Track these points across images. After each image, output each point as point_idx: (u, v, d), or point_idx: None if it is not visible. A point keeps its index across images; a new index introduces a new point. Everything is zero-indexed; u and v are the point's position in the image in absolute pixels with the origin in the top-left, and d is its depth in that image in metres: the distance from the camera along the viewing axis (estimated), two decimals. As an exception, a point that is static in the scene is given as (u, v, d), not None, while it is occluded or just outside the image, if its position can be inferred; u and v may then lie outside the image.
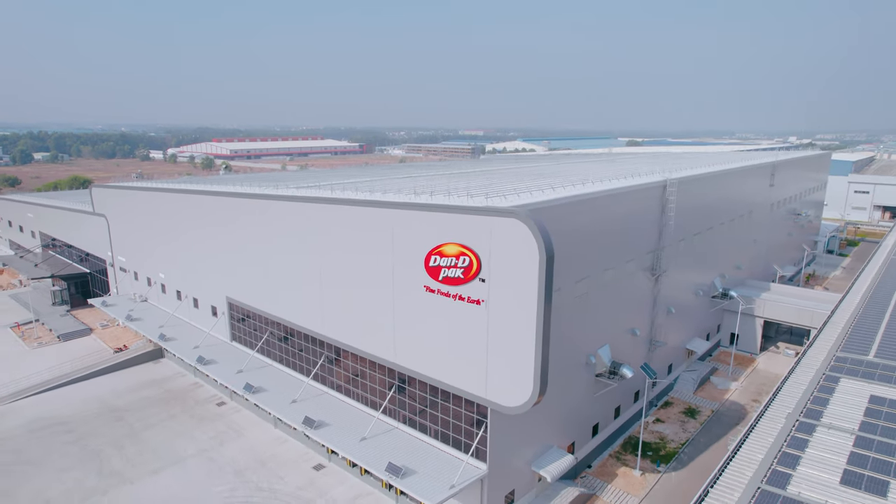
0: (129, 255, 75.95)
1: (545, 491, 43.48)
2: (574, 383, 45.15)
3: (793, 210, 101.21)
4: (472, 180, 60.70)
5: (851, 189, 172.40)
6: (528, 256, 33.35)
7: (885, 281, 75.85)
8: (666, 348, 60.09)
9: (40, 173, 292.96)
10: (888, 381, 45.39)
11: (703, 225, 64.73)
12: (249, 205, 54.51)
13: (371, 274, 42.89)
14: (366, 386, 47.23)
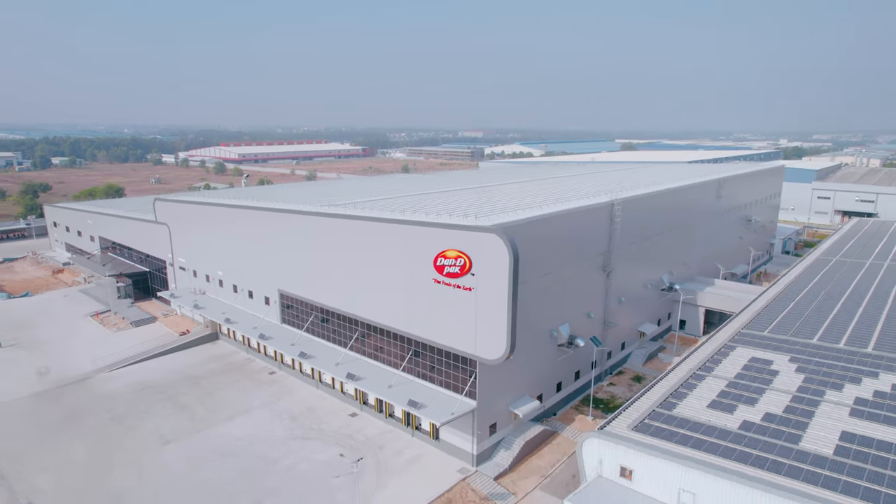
0: (189, 256, 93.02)
1: (519, 426, 60.53)
2: (541, 350, 62.22)
3: (744, 217, 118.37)
4: (467, 198, 77.74)
5: (815, 195, 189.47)
6: (501, 259, 50.38)
7: (803, 276, 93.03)
8: (619, 329, 77.13)
9: (63, 178, 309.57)
10: (768, 349, 62.51)
11: (651, 231, 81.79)
12: (296, 218, 71.60)
13: (394, 270, 59.91)
14: (389, 352, 64.31)
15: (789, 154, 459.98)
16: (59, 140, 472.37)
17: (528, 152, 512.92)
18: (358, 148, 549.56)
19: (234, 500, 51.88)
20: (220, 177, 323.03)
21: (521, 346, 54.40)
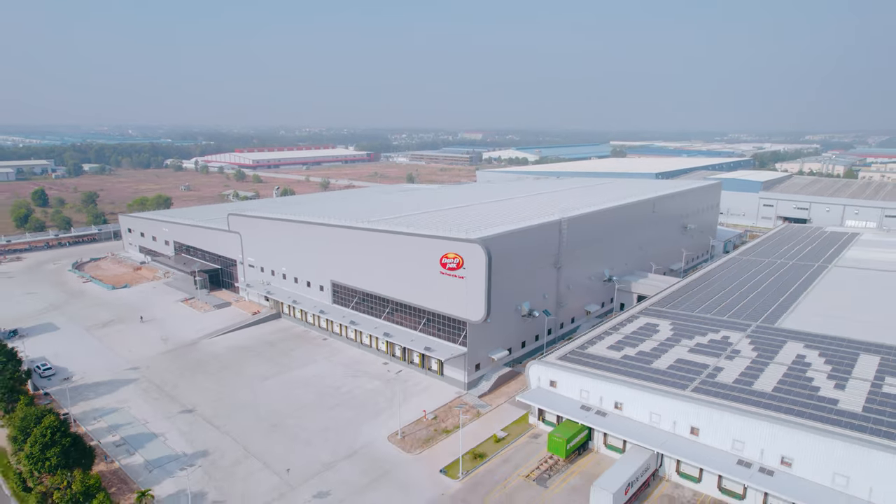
0: (257, 256, 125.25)
1: (495, 367, 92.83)
2: (509, 318, 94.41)
3: (681, 225, 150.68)
4: (461, 215, 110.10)
5: (761, 203, 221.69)
6: (480, 259, 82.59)
7: (715, 270, 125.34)
8: (570, 308, 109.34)
9: (101, 185, 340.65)
10: (660, 317, 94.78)
11: (595, 238, 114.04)
12: (343, 231, 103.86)
13: (415, 265, 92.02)
14: (409, 320, 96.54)
15: (767, 159, 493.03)
16: (85, 147, 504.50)
17: (523, 157, 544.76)
18: (363, 153, 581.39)
19: (317, 408, 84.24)
20: (241, 184, 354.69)
21: (495, 314, 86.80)
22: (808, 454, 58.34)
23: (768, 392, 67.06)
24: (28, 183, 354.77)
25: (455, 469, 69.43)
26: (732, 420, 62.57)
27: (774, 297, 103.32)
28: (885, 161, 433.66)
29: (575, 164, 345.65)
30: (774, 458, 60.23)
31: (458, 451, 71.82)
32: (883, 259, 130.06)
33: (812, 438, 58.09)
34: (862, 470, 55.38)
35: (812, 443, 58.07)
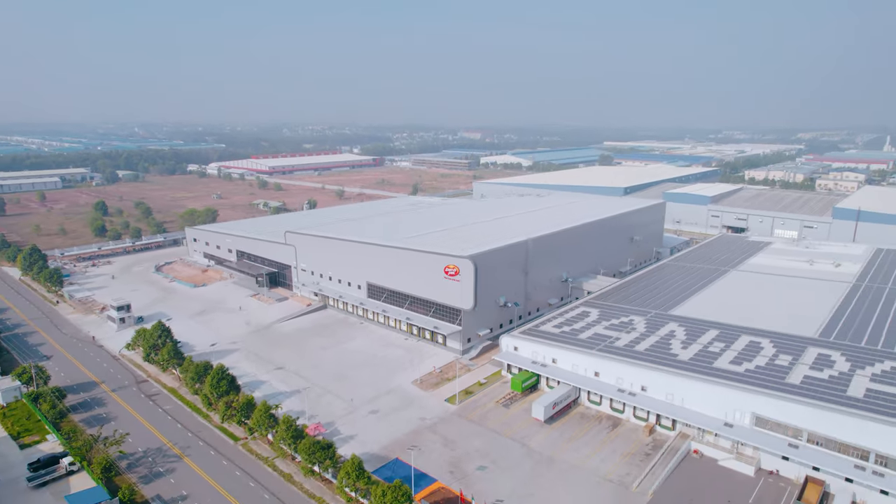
0: (308, 263, 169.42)
1: (481, 340, 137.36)
2: (491, 307, 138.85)
3: (628, 237, 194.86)
4: (458, 234, 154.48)
5: (709, 214, 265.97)
6: (470, 269, 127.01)
7: (651, 272, 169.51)
8: (535, 300, 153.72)
9: (141, 194, 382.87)
10: (594, 307, 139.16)
11: (555, 250, 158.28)
12: (374, 248, 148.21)
13: (427, 271, 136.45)
14: (423, 308, 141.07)
15: (740, 166, 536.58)
16: (115, 154, 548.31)
17: (517, 163, 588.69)
18: (368, 158, 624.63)
19: (363, 366, 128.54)
20: (265, 192, 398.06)
21: (480, 304, 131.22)
22: (656, 384, 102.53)
23: (642, 351, 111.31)
24: (74, 192, 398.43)
25: (453, 399, 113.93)
26: (617, 367, 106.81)
27: (676, 293, 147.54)
28: (846, 169, 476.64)
29: (560, 174, 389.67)
30: (637, 386, 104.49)
31: (455, 389, 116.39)
32: (774, 265, 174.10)
33: (658, 375, 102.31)
34: (681, 390, 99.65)
35: (658, 377, 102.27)
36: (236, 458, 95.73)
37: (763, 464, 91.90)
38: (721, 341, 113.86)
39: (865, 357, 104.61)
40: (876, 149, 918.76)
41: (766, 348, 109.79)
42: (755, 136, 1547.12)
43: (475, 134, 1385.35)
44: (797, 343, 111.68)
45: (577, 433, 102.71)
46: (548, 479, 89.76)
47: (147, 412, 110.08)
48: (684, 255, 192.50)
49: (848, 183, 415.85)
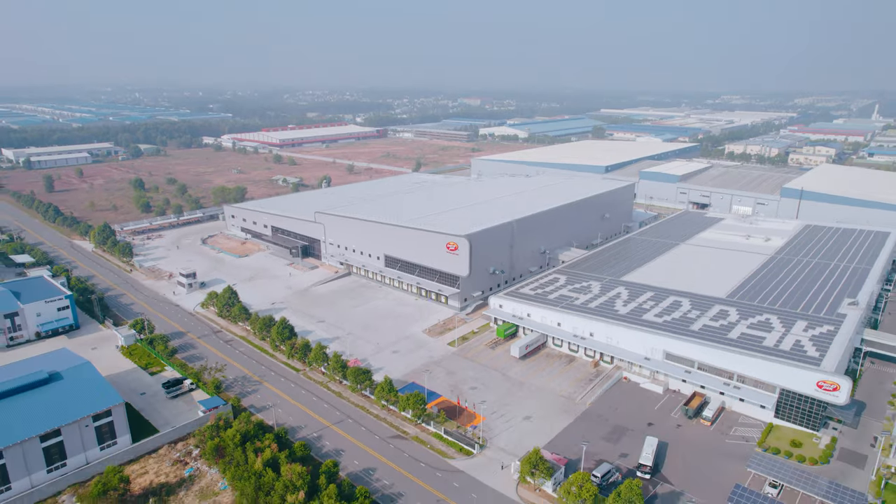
0: (334, 237, 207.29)
1: (475, 300, 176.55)
2: (483, 274, 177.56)
3: (600, 214, 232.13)
4: (458, 215, 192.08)
5: (678, 191, 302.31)
6: (466, 245, 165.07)
7: (616, 244, 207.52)
8: (519, 269, 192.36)
9: (168, 169, 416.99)
10: (562, 273, 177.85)
11: (536, 227, 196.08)
12: (391, 227, 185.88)
13: (433, 247, 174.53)
14: (430, 275, 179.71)
15: (726, 137, 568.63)
16: (133, 127, 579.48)
17: (514, 135, 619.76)
18: (372, 130, 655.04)
19: (384, 319, 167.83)
20: (280, 166, 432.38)
21: (474, 272, 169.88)
22: (600, 331, 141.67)
23: (593, 308, 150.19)
24: (105, 166, 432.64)
25: (454, 343, 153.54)
26: (574, 319, 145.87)
27: (631, 262, 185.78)
28: (821, 143, 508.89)
29: (550, 151, 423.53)
30: (588, 333, 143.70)
31: (455, 336, 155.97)
32: (717, 239, 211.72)
33: (602, 324, 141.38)
34: (617, 335, 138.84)
35: (602, 326, 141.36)
36: (300, 383, 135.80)
37: (669, 385, 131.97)
38: (653, 300, 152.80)
39: (751, 312, 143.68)
40: (865, 117, 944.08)
41: (684, 305, 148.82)
42: (753, 102, 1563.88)
43: (475, 100, 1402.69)
44: (707, 302, 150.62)
45: (542, 366, 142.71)
46: (519, 395, 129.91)
47: (228, 353, 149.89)
48: (647, 229, 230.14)
49: (818, 158, 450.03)
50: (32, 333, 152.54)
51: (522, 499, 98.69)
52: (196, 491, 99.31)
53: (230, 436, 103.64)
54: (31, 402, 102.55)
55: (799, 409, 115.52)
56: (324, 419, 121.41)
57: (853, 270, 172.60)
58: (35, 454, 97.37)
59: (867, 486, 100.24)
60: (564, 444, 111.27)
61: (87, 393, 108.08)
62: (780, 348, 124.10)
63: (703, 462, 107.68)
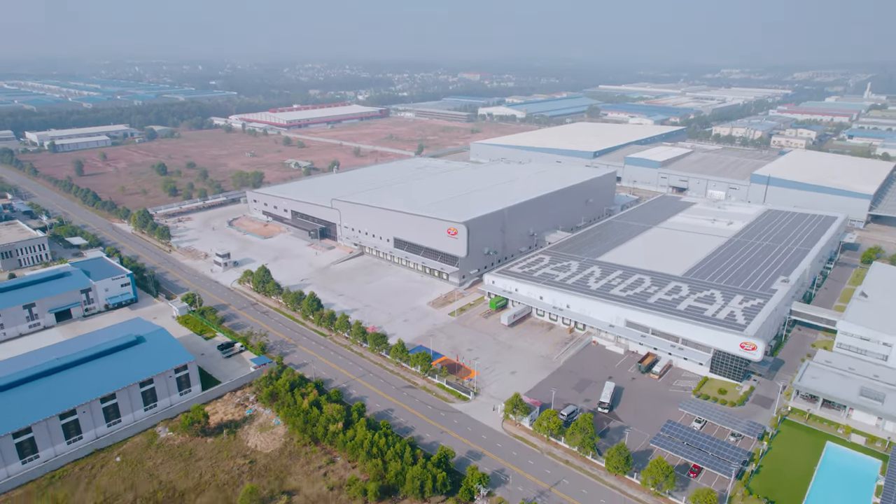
0: (349, 221, 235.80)
1: (472, 276, 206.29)
2: (479, 255, 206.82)
3: (584, 200, 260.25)
4: (457, 203, 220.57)
5: (659, 176, 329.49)
6: (464, 230, 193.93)
7: (594, 227, 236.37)
8: (510, 250, 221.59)
9: (183, 151, 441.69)
10: (547, 254, 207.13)
11: (525, 213, 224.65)
12: (399, 214, 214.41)
13: (436, 230, 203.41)
14: (433, 255, 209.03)
15: (713, 119, 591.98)
16: (145, 108, 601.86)
17: (511, 115, 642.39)
18: (375, 109, 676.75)
19: (395, 293, 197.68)
20: (290, 149, 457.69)
21: (471, 253, 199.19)
22: (575, 303, 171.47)
23: (570, 284, 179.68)
24: (123, 149, 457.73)
25: (454, 313, 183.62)
26: (553, 293, 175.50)
27: (607, 244, 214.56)
28: (803, 126, 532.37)
29: (543, 135, 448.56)
30: (565, 305, 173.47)
31: (454, 307, 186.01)
32: (685, 222, 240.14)
33: (576, 298, 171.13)
34: (589, 307, 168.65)
35: (576, 299, 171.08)
36: (327, 345, 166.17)
37: (629, 347, 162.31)
38: (620, 278, 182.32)
39: (700, 287, 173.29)
40: (860, 93, 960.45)
41: (645, 282, 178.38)
42: (752, 77, 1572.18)
43: (474, 75, 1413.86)
44: (666, 279, 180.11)
45: (527, 332, 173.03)
46: (507, 355, 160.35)
47: (266, 321, 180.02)
48: (626, 213, 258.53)
49: (798, 140, 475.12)
50: (102, 306, 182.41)
51: (506, 431, 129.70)
52: (256, 426, 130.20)
53: (282, 384, 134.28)
54: (128, 358, 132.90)
55: (727, 365, 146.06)
56: (349, 373, 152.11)
57: (795, 252, 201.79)
58: (136, 396, 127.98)
59: (769, 421, 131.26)
60: (540, 392, 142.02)
61: (166, 352, 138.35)
62: (716, 317, 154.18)
63: (648, 406, 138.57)
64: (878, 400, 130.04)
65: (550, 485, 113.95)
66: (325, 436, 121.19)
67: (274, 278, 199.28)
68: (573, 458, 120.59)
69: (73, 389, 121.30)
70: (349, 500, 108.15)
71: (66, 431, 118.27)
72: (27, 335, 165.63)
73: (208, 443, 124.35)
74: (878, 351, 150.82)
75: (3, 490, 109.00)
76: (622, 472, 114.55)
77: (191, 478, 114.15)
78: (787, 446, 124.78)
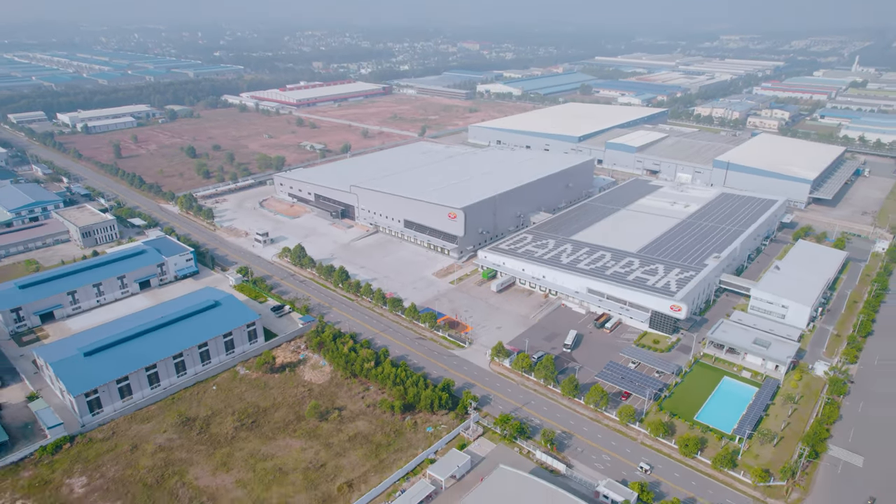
0: (366, 204, 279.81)
1: (468, 252, 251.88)
2: (475, 234, 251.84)
3: (564, 184, 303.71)
4: (457, 189, 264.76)
5: (635, 160, 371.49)
6: (462, 215, 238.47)
7: (573, 209, 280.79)
8: (500, 229, 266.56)
9: (206, 132, 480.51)
10: (530, 234, 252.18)
11: (514, 198, 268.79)
12: (408, 200, 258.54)
13: (439, 214, 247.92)
14: (437, 234, 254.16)
15: (697, 98, 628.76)
16: (162, 88, 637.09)
17: (508, 92, 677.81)
18: (378, 87, 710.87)
19: (405, 265, 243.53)
20: (303, 130, 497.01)
21: (467, 232, 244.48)
22: (549, 274, 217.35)
23: (546, 258, 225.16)
24: (150, 130, 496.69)
25: (454, 282, 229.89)
26: (533, 266, 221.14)
27: (580, 224, 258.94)
28: (778, 106, 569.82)
29: (534, 117, 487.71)
30: (542, 276, 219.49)
31: (454, 277, 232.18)
32: (649, 204, 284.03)
33: (550, 270, 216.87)
34: (560, 278, 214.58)
35: (550, 271, 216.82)
36: (355, 308, 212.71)
37: (590, 309, 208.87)
38: (587, 254, 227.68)
39: (648, 262, 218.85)
40: (851, 65, 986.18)
41: (606, 257, 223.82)
42: (750, 44, 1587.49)
43: (473, 45, 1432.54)
44: (622, 255, 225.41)
45: (511, 297, 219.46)
46: (495, 315, 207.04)
47: (304, 289, 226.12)
48: (601, 196, 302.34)
49: (772, 121, 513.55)
50: (172, 277, 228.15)
51: (492, 369, 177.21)
52: (309, 366, 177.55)
53: (326, 335, 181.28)
54: (213, 316, 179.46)
55: (661, 322, 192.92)
56: (374, 328, 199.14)
57: (732, 232, 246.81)
58: (221, 345, 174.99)
59: (685, 363, 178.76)
60: (518, 342, 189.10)
61: (237, 312, 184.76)
62: (655, 286, 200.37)
63: (599, 352, 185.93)
64: (764, 347, 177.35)
65: (522, 404, 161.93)
66: (361, 371, 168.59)
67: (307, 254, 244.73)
68: (539, 388, 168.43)
69: (180, 338, 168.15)
70: (381, 413, 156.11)
71: (177, 368, 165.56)
72: (120, 300, 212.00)
73: (276, 377, 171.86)
74: (778, 311, 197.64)
75: (144, 405, 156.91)
76: (572, 396, 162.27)
77: (268, 400, 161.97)
78: (695, 380, 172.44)
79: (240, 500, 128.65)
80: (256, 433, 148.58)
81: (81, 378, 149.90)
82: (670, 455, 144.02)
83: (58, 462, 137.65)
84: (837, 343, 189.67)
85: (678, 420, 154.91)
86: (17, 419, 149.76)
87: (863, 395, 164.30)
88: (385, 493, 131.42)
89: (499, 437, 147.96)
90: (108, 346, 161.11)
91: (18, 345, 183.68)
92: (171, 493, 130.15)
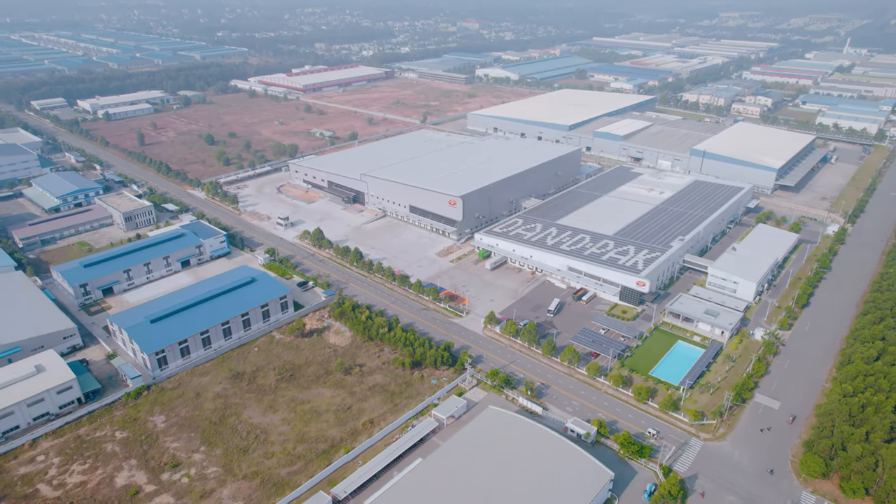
0: (375, 191, 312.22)
1: (466, 235, 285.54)
2: (472, 218, 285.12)
3: (553, 172, 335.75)
4: (458, 177, 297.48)
5: (621, 148, 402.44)
6: (460, 202, 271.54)
7: (560, 196, 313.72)
8: (495, 214, 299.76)
9: (219, 119, 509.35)
10: (520, 218, 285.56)
11: (508, 187, 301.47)
12: (413, 188, 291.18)
13: (441, 200, 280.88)
14: (439, 218, 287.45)
15: (687, 83, 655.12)
16: (174, 73, 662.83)
17: (506, 77, 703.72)
18: (380, 71, 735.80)
19: (411, 246, 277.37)
20: (312, 116, 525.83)
21: (465, 217, 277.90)
22: (536, 254, 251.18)
23: (534, 241, 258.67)
24: (166, 116, 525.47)
25: (453, 261, 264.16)
26: (522, 247, 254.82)
27: (564, 209, 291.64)
28: (763, 92, 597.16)
29: (528, 105, 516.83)
30: (529, 255, 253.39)
31: (453, 257, 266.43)
32: (628, 191, 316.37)
33: (537, 251, 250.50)
34: (545, 257, 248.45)
35: (537, 252, 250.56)
36: (368, 283, 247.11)
37: (570, 284, 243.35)
38: (569, 237, 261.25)
39: (621, 244, 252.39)
40: (842, 47, 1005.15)
41: (585, 239, 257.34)
42: (748, 23, 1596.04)
43: (473, 24, 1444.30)
44: (599, 237, 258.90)
45: (504, 275, 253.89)
46: (488, 290, 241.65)
47: (324, 267, 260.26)
48: (585, 183, 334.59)
49: (755, 108, 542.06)
50: (208, 257, 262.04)
51: (485, 334, 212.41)
52: (332, 331, 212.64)
53: (347, 306, 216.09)
54: (251, 290, 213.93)
55: (629, 295, 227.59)
56: (386, 301, 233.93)
57: (699, 217, 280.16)
58: (259, 314, 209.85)
59: (647, 330, 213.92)
60: (508, 312, 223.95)
61: (271, 287, 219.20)
62: (625, 265, 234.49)
63: (575, 320, 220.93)
64: (713, 316, 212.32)
65: (509, 362, 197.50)
66: (376, 335, 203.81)
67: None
68: (523, 349, 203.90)
69: (227, 308, 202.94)
70: (394, 369, 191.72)
71: (224, 333, 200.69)
72: (166, 277, 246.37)
73: (305, 341, 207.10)
74: (730, 287, 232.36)
75: (200, 363, 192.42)
76: (550, 355, 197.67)
77: (301, 358, 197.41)
78: (653, 343, 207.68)
79: (286, 433, 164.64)
80: (294, 384, 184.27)
81: (151, 340, 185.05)
82: (627, 402, 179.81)
83: (140, 405, 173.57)
84: (778, 314, 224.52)
85: (636, 375, 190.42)
86: (104, 372, 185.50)
87: (790, 355, 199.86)
88: (399, 428, 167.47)
89: (489, 387, 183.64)
90: (169, 315, 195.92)
91: (88, 314, 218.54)
92: (232, 427, 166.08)
